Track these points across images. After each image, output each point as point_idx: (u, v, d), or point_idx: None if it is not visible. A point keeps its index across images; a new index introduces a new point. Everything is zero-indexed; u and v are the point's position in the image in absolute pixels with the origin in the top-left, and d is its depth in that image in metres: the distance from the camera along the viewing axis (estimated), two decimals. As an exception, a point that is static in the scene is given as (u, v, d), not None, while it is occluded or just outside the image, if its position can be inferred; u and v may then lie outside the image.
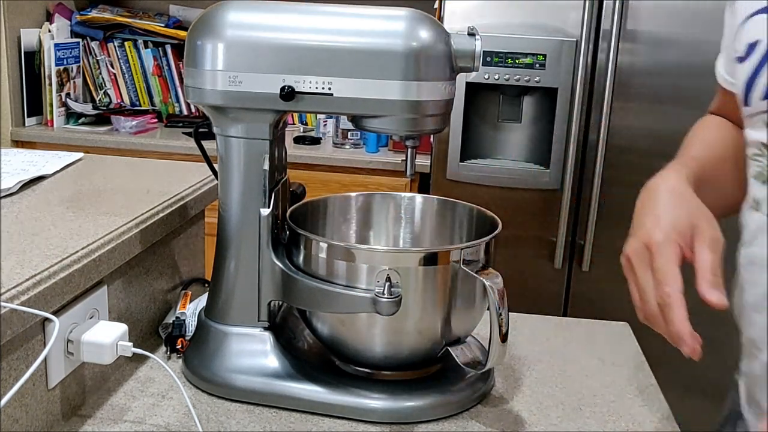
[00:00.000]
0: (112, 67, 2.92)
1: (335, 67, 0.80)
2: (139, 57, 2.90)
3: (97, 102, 2.93)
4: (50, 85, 2.73)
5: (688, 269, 0.65)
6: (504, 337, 0.80)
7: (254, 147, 0.86)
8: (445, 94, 0.82)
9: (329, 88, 0.81)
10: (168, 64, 2.90)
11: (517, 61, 2.13)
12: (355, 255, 0.83)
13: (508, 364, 1.01)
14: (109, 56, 2.91)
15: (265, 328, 0.90)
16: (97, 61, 2.91)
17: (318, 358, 0.92)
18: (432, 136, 2.25)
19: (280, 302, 0.92)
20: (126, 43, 2.89)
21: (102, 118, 2.79)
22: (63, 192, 1.03)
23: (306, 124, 2.92)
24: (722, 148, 0.87)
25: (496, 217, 0.92)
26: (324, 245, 0.85)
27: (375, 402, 0.85)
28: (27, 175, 1.06)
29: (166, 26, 2.86)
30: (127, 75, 2.92)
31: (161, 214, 0.98)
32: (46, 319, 0.74)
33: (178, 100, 2.92)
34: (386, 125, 0.83)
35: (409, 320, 0.84)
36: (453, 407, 0.87)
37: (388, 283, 0.80)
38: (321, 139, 2.72)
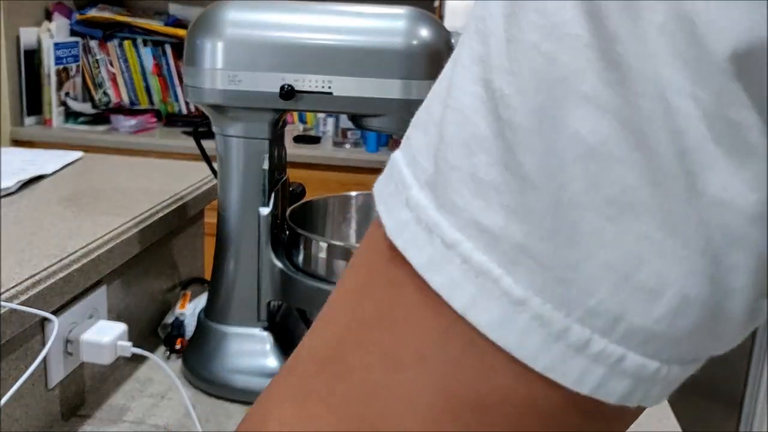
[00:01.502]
0: (112, 66, 2.92)
1: (335, 65, 0.80)
2: (139, 56, 2.90)
3: (96, 101, 2.92)
4: (49, 84, 2.73)
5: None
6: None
7: (254, 146, 0.86)
8: (446, 93, 0.82)
9: (329, 87, 0.80)
10: (167, 63, 2.89)
11: (517, 60, 2.12)
12: (355, 255, 0.82)
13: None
14: (108, 55, 2.91)
15: (265, 328, 0.89)
16: (97, 60, 2.91)
17: (318, 358, 0.91)
18: (432, 135, 2.24)
19: (280, 302, 0.92)
20: (125, 42, 2.89)
21: (101, 118, 2.79)
22: (62, 191, 1.03)
23: (306, 123, 2.92)
24: None
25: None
26: (324, 245, 0.84)
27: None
28: (26, 175, 1.06)
29: (166, 25, 2.86)
30: (126, 74, 2.92)
31: (160, 214, 0.97)
32: (46, 318, 0.74)
33: (177, 100, 2.92)
34: (386, 124, 0.82)
35: (409, 320, 0.83)
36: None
37: (388, 283, 0.80)
38: (321, 138, 2.72)
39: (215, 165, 0.91)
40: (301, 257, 0.87)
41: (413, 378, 0.23)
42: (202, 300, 1.01)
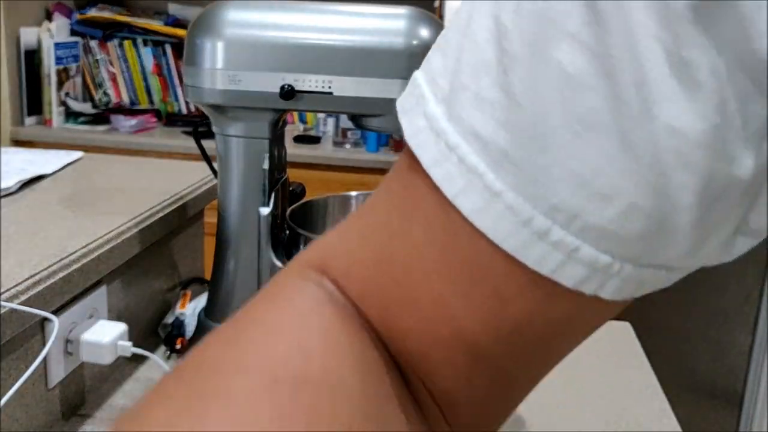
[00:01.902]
0: (112, 66, 2.92)
1: (335, 65, 0.80)
2: (139, 56, 2.90)
3: (96, 101, 2.92)
4: (49, 84, 2.73)
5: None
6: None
7: (254, 146, 0.86)
8: (446, 93, 0.82)
9: (329, 87, 0.80)
10: (167, 63, 2.89)
11: (517, 60, 2.12)
12: (355, 254, 0.82)
13: (509, 363, 1.01)
14: (108, 55, 2.91)
15: (265, 328, 0.89)
16: (97, 60, 2.91)
17: (318, 358, 0.91)
18: (432, 135, 2.24)
19: (280, 302, 0.92)
20: (125, 42, 2.89)
21: (101, 117, 2.79)
22: (62, 191, 1.03)
23: (306, 123, 2.92)
24: None
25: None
26: (324, 245, 0.84)
27: (375, 402, 0.85)
28: (26, 175, 1.06)
29: (166, 25, 2.86)
30: (126, 74, 2.92)
31: (160, 214, 0.97)
32: (46, 318, 0.74)
33: (177, 99, 2.92)
34: (387, 124, 0.82)
35: (409, 320, 0.83)
36: (453, 407, 0.87)
37: (388, 283, 0.80)
38: (321, 138, 2.72)
39: (215, 165, 0.91)
40: (301, 257, 0.87)
41: (421, 232, 0.28)
42: (202, 300, 1.01)
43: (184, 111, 2.92)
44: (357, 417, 0.27)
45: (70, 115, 2.80)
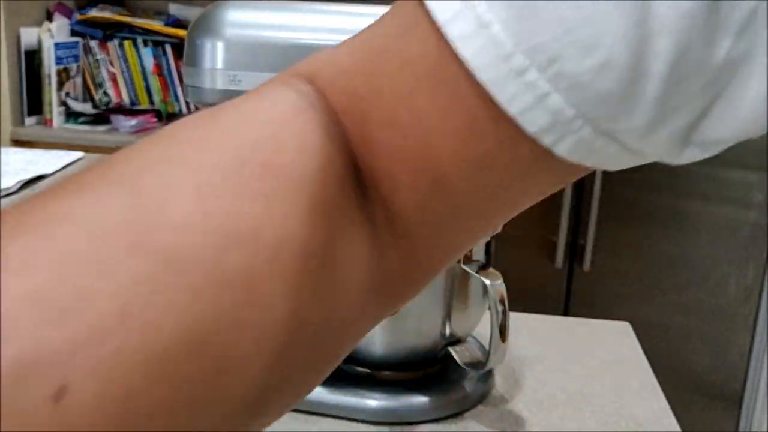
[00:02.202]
0: (112, 66, 2.92)
1: (335, 66, 0.80)
2: (139, 56, 2.90)
3: (97, 101, 2.93)
4: (50, 84, 2.73)
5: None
6: (504, 337, 0.80)
7: (254, 146, 0.86)
8: (446, 93, 0.82)
9: (329, 88, 0.80)
10: (167, 63, 2.90)
11: (517, 60, 2.12)
12: (355, 254, 0.82)
13: (508, 364, 1.01)
14: (108, 55, 2.91)
15: (265, 328, 0.89)
16: (97, 60, 2.91)
17: (318, 358, 0.91)
18: (432, 135, 2.24)
19: (280, 302, 0.92)
20: (125, 42, 2.89)
21: (101, 118, 2.79)
22: (62, 191, 1.03)
23: (306, 123, 2.92)
24: None
25: (496, 216, 0.92)
26: (324, 245, 0.84)
27: (375, 402, 0.85)
28: (27, 175, 1.06)
29: (166, 25, 2.86)
30: (126, 74, 2.92)
31: (161, 214, 0.97)
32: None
33: (177, 100, 2.92)
34: (386, 124, 0.82)
35: (409, 320, 0.83)
36: (453, 407, 0.87)
37: (388, 283, 0.80)
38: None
39: (215, 165, 0.91)
40: (301, 257, 0.87)
41: (414, 50, 0.29)
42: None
43: (185, 111, 2.92)
44: (315, 212, 0.28)
45: (71, 115, 2.80)
